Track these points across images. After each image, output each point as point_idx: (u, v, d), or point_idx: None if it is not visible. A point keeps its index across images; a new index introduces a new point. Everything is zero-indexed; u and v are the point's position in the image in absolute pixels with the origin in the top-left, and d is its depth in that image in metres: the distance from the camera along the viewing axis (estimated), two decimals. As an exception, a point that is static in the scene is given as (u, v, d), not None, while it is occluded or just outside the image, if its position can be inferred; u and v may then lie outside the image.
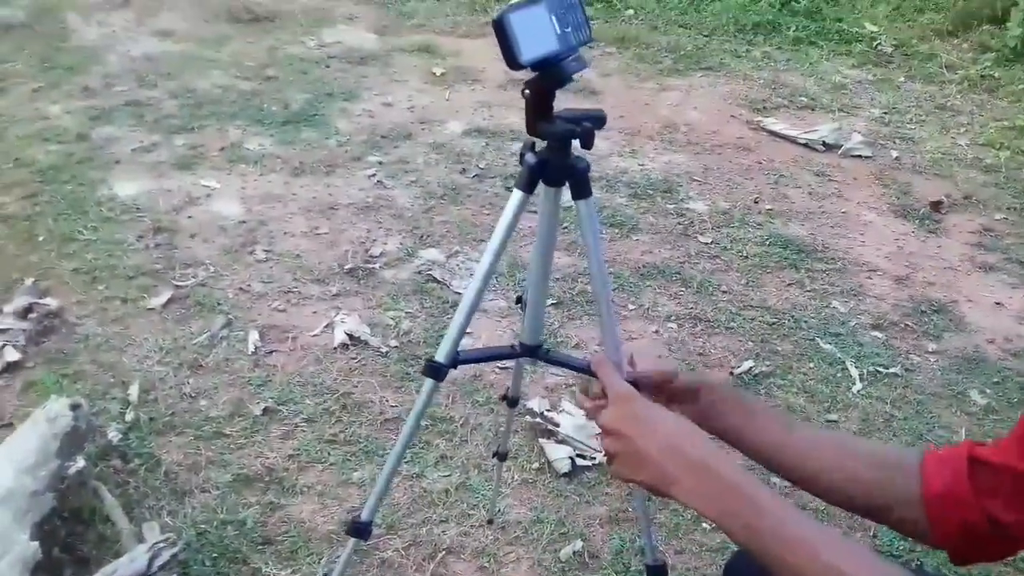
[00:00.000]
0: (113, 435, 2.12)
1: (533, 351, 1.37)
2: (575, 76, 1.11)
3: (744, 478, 0.83)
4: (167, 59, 4.39)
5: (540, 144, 1.16)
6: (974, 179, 3.90)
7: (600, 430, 0.95)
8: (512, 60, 1.02)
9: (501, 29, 1.00)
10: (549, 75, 1.08)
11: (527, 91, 1.09)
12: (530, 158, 1.16)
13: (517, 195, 1.19)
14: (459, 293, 2.82)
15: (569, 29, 1.07)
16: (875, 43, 5.32)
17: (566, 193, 1.19)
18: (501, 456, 1.88)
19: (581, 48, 1.11)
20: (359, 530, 1.46)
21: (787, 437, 1.05)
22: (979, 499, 0.91)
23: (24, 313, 2.52)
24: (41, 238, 2.91)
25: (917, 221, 3.52)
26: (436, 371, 1.29)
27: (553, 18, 1.06)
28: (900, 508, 0.97)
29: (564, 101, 1.13)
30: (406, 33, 5.03)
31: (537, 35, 1.05)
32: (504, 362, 2.53)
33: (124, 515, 1.91)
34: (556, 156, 1.15)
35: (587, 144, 1.10)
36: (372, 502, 1.43)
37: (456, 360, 1.30)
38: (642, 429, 0.90)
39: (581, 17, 1.10)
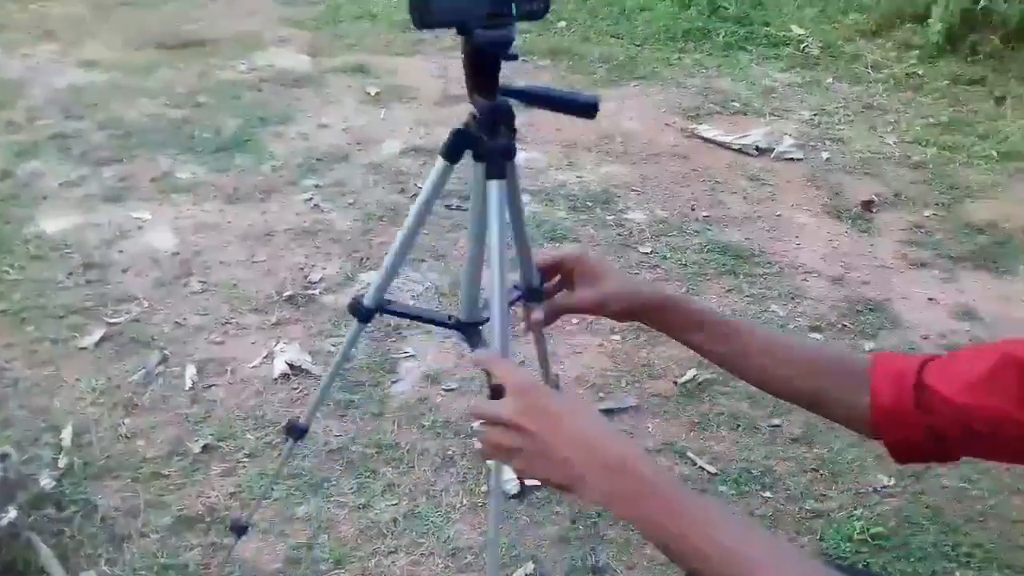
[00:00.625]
0: (46, 482, 2.06)
1: (467, 328, 1.35)
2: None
3: (662, 478, 0.78)
4: (93, 89, 4.30)
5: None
6: (903, 177, 3.98)
7: (493, 423, 0.86)
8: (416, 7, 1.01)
9: None
10: (465, 33, 1.05)
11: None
12: (456, 125, 1.16)
13: (440, 162, 1.20)
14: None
15: None
16: (803, 46, 5.42)
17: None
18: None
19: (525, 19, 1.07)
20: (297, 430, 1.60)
21: (742, 347, 1.10)
22: (923, 418, 0.95)
23: (-51, 360, 2.44)
24: (-35, 280, 2.83)
25: (850, 221, 3.59)
26: (363, 314, 1.31)
27: None
28: (847, 412, 1.04)
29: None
30: (339, 54, 4.99)
31: None
32: (451, 385, 2.52)
33: (60, 566, 1.85)
34: (482, 130, 1.15)
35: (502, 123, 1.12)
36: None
37: (382, 307, 1.35)
38: (549, 423, 0.82)
39: None
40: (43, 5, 5.43)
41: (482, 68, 1.09)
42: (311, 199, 3.46)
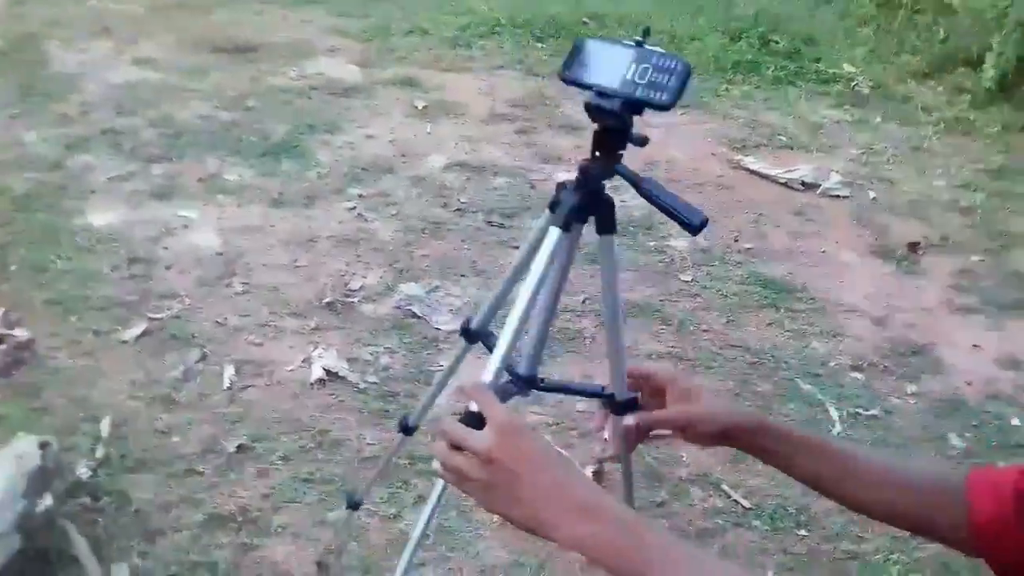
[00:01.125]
0: (82, 472, 2.07)
1: (532, 382, 1.35)
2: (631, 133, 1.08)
3: (634, 519, 0.79)
4: (146, 88, 4.36)
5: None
6: (951, 221, 3.94)
7: (463, 449, 0.84)
8: (560, 72, 1.11)
9: (573, 46, 1.11)
10: (590, 107, 1.08)
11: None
12: (569, 197, 1.15)
13: (555, 233, 1.18)
14: (439, 328, 2.80)
15: (642, 82, 1.05)
16: (853, 84, 5.39)
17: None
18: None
19: (650, 108, 1.07)
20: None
21: (839, 470, 1.04)
22: (1022, 529, 0.91)
23: (-7, 344, 2.47)
24: (13, 267, 2.86)
25: (895, 262, 3.54)
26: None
27: (633, 65, 1.06)
28: (947, 532, 0.99)
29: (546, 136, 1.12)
30: (389, 66, 5.03)
31: (601, 66, 1.09)
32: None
33: (92, 556, 1.86)
34: (587, 191, 1.16)
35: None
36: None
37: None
38: (528, 466, 0.82)
39: (670, 83, 1.05)
40: (100, 3, 5.53)
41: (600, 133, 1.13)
42: (354, 208, 3.48)
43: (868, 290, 3.33)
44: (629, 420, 1.13)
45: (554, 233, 1.17)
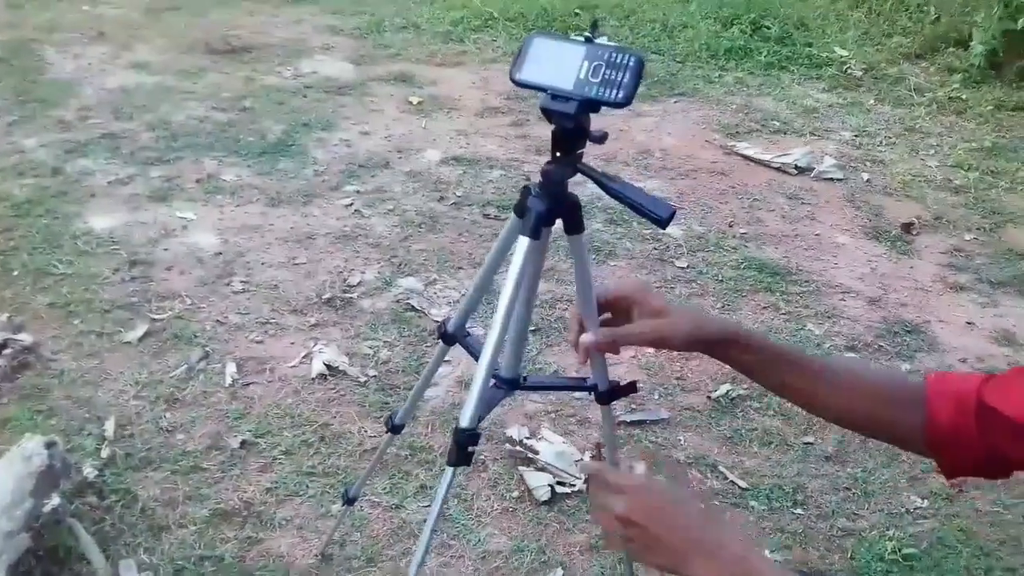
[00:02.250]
0: (89, 471, 2.11)
1: (514, 383, 1.38)
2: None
3: (758, 560, 0.91)
4: (143, 91, 4.39)
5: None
6: (944, 200, 3.96)
7: (614, 516, 0.96)
8: (510, 73, 1.08)
9: (522, 44, 1.08)
10: (545, 110, 1.08)
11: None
12: (536, 204, 1.16)
13: (524, 242, 1.19)
14: (437, 321, 2.83)
15: (596, 80, 1.04)
16: (845, 67, 5.40)
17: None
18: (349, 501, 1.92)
19: (606, 107, 1.06)
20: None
21: (807, 381, 1.09)
22: (985, 438, 0.97)
23: (-2, 349, 2.50)
24: (15, 272, 2.90)
25: (889, 243, 3.57)
26: (468, 439, 1.32)
27: (585, 63, 1.05)
28: (904, 435, 1.06)
29: (540, 128, 1.15)
30: (383, 63, 5.06)
31: (552, 66, 1.07)
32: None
33: (100, 553, 1.89)
34: (552, 194, 1.17)
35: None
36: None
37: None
38: (663, 520, 0.93)
39: (625, 80, 1.04)
40: (95, 7, 5.56)
41: (555, 137, 1.12)
42: (352, 204, 3.51)
43: (862, 271, 3.36)
44: (587, 338, 1.10)
45: (524, 242, 1.19)
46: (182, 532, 2.02)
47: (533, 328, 2.79)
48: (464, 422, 1.28)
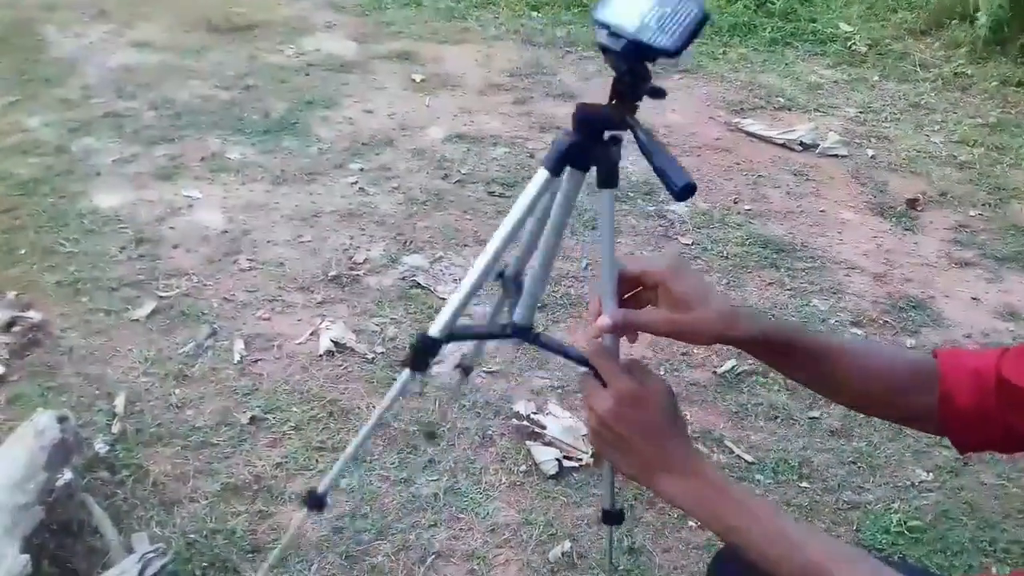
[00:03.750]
0: (100, 447, 2.12)
1: (525, 333, 1.34)
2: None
3: (722, 479, 0.93)
4: (146, 70, 4.38)
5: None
6: (949, 176, 3.96)
7: (592, 413, 0.95)
8: (593, 8, 1.04)
9: None
10: (601, 46, 1.03)
11: None
12: (563, 137, 1.13)
13: (542, 174, 1.16)
14: (444, 298, 2.84)
15: (654, 26, 0.97)
16: (849, 43, 5.38)
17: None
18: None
19: (655, 53, 0.98)
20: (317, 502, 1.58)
21: (827, 372, 1.07)
22: (1003, 415, 0.97)
23: (7, 327, 2.51)
24: (23, 251, 2.90)
25: (894, 219, 3.57)
26: (429, 347, 1.27)
27: (656, 8, 0.98)
28: (919, 415, 1.06)
29: (544, 105, 1.14)
30: (385, 40, 5.04)
31: (627, 7, 1.01)
32: (491, 368, 2.56)
33: (113, 526, 1.91)
34: (587, 132, 1.12)
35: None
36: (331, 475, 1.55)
37: (451, 335, 1.30)
38: (638, 435, 0.93)
39: (680, 30, 0.96)
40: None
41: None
42: (356, 182, 3.51)
43: (867, 247, 3.36)
44: (603, 321, 1.00)
45: (541, 174, 1.15)
46: (193, 506, 2.03)
47: (540, 304, 2.79)
48: (433, 330, 1.24)
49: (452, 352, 2.58)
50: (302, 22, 5.21)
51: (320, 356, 2.55)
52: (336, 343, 2.59)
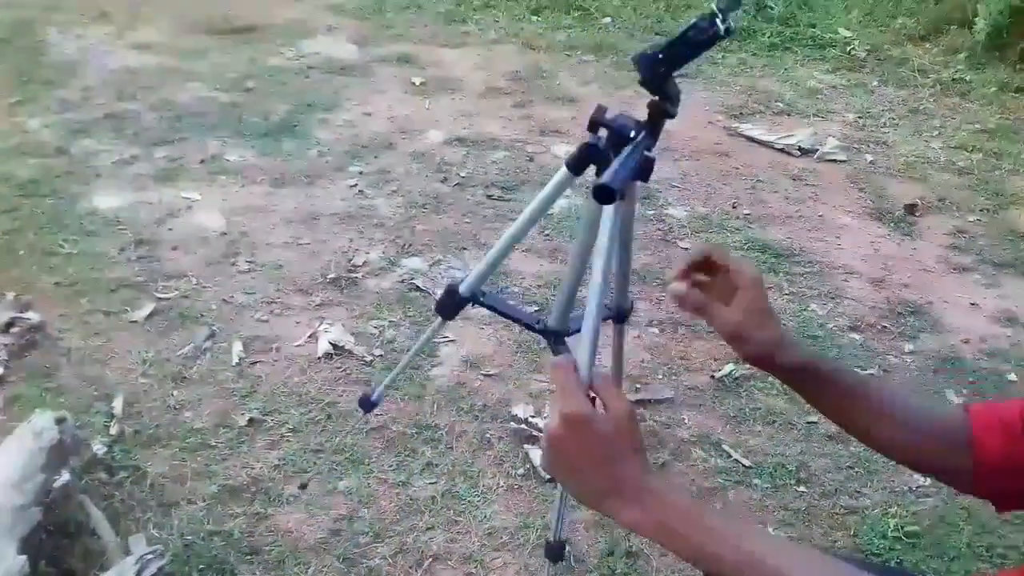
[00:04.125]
0: (98, 448, 2.13)
1: (558, 335, 1.36)
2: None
3: (685, 504, 0.86)
4: (146, 72, 4.38)
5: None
6: (947, 182, 3.96)
7: (544, 432, 0.90)
8: None
9: None
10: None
11: None
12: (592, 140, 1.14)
13: (563, 172, 1.22)
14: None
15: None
16: (848, 48, 5.39)
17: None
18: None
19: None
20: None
21: (860, 413, 1.08)
22: None
23: (6, 328, 2.51)
24: (22, 252, 2.91)
25: (892, 224, 3.58)
26: (457, 301, 1.37)
27: None
28: (951, 472, 1.04)
29: (544, 109, 1.15)
30: (385, 43, 5.05)
31: None
32: (489, 371, 2.56)
33: (110, 528, 1.91)
34: (612, 148, 1.14)
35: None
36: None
37: (478, 299, 1.36)
38: (585, 459, 0.87)
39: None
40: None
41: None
42: (355, 185, 3.52)
43: (866, 252, 3.36)
44: (679, 287, 1.07)
45: (561, 172, 1.21)
46: (191, 508, 2.04)
47: (537, 308, 2.80)
48: (463, 288, 1.38)
49: (451, 355, 2.59)
50: (302, 25, 5.22)
51: (318, 358, 2.55)
52: (334, 345, 2.59)
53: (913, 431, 1.06)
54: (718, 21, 1.04)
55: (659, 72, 1.10)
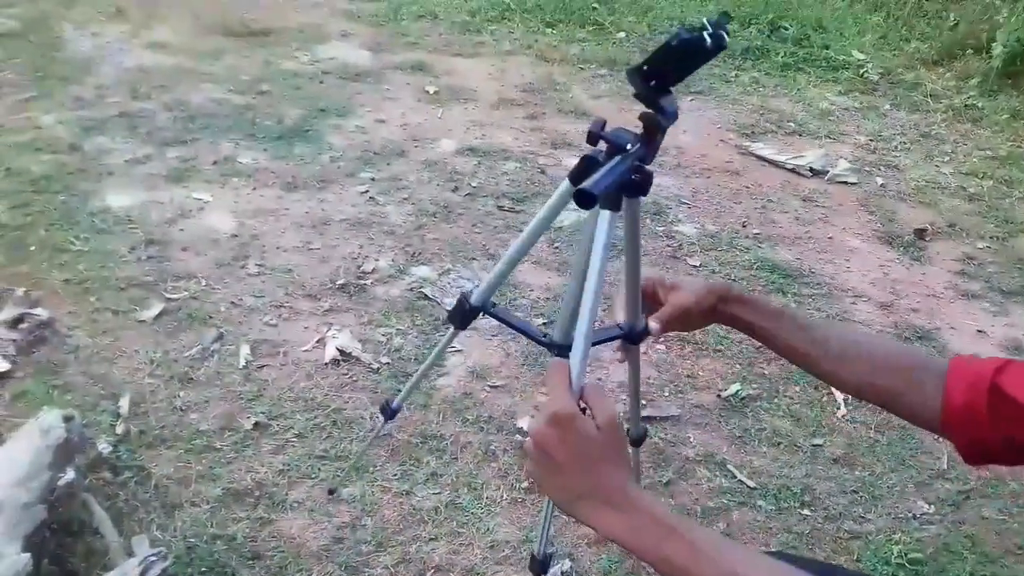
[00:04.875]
0: (103, 447, 2.12)
1: (559, 349, 1.37)
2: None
3: (662, 513, 0.86)
4: (161, 71, 4.40)
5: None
6: (958, 207, 3.96)
7: (529, 432, 0.92)
8: None
9: None
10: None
11: None
12: (622, 166, 1.10)
13: (565, 184, 1.25)
14: (449, 310, 2.83)
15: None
16: (862, 71, 5.40)
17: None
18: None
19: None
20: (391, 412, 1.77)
21: (814, 344, 1.16)
22: (997, 424, 0.97)
23: (15, 323, 2.52)
24: (33, 248, 2.91)
25: (902, 248, 3.57)
26: (468, 312, 1.44)
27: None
28: (917, 409, 1.08)
29: (556, 121, 1.16)
30: (400, 51, 5.06)
31: None
32: (496, 383, 2.56)
33: (113, 528, 1.91)
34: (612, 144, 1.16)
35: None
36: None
37: (488, 311, 1.37)
38: (568, 459, 0.88)
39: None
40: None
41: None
42: (367, 191, 3.52)
43: (874, 276, 3.36)
44: (653, 325, 1.25)
45: (563, 184, 1.25)
46: (195, 510, 2.03)
47: (544, 321, 2.80)
48: (473, 298, 1.43)
49: (458, 366, 2.59)
50: (318, 30, 5.23)
51: (326, 364, 2.55)
52: (342, 352, 2.59)
53: (883, 369, 1.11)
54: (705, 35, 1.03)
55: (649, 85, 1.11)
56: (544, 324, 2.77)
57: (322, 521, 2.05)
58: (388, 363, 2.58)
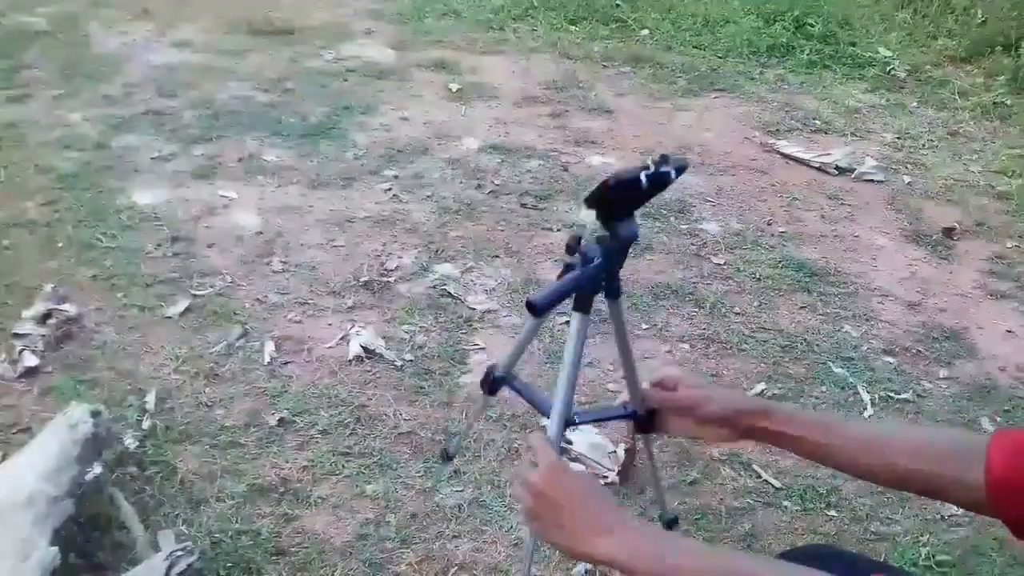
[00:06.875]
0: (130, 442, 2.14)
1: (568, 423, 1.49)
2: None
3: (656, 530, 1.02)
4: (187, 69, 4.43)
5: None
6: (986, 206, 3.91)
7: (522, 488, 1.04)
8: None
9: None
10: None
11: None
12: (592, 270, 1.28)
13: (577, 317, 1.36)
14: (473, 308, 2.84)
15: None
16: (888, 68, 5.34)
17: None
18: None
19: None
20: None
21: (832, 445, 1.13)
22: None
23: (43, 319, 2.54)
24: (61, 244, 2.94)
25: (929, 247, 3.53)
26: (495, 380, 1.65)
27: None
28: (961, 490, 1.03)
29: (579, 119, 1.16)
30: (423, 49, 5.07)
31: None
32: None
33: (140, 523, 1.92)
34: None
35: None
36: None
37: (509, 381, 1.65)
38: (568, 499, 1.00)
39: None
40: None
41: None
42: (390, 189, 3.53)
43: (902, 275, 3.33)
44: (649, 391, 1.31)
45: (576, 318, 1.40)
46: (220, 506, 2.04)
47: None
48: (499, 370, 1.59)
49: (480, 363, 2.59)
50: (342, 28, 5.25)
51: (349, 361, 2.56)
52: (365, 349, 2.60)
53: (917, 455, 1.07)
54: (643, 175, 1.19)
55: (600, 213, 1.26)
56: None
57: (346, 518, 2.05)
58: (411, 360, 2.59)
